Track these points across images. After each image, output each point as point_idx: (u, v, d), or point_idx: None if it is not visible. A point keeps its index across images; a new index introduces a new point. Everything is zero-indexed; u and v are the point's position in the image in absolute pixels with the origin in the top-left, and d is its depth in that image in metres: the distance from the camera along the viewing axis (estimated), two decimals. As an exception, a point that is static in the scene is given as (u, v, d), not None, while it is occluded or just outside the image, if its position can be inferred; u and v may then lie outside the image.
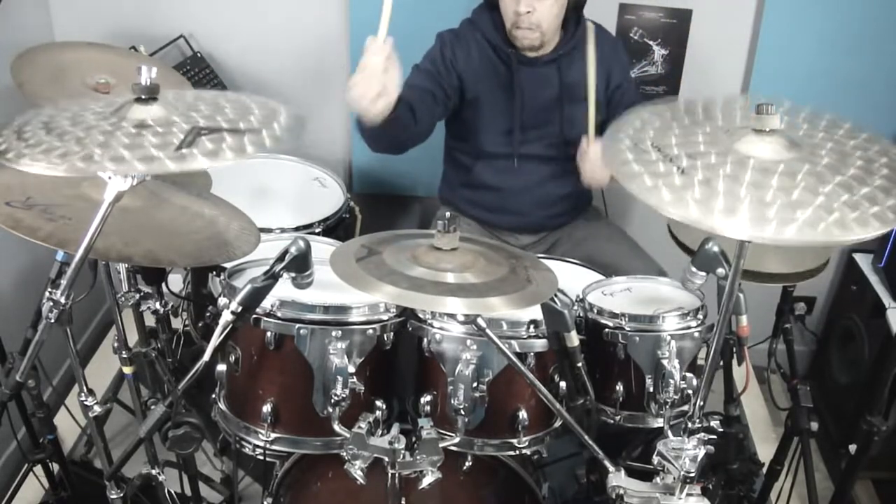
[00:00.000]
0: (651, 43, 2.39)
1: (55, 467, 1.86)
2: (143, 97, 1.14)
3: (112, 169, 1.03)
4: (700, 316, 1.63)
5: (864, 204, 0.97)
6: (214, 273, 1.66)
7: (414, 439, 1.39)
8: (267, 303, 1.37)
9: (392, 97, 1.61)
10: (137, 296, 1.85)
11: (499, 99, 2.05)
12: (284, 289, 1.31)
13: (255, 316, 1.44)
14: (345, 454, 1.36)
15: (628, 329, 1.59)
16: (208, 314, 1.81)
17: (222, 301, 1.50)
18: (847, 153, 1.08)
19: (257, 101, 1.24)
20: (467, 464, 1.60)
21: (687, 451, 1.24)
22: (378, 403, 1.50)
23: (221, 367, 1.54)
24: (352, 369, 1.44)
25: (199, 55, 2.39)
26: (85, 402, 1.35)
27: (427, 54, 2.05)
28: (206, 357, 1.26)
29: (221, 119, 1.16)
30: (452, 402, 1.48)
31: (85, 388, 1.35)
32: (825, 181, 1.00)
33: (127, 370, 1.81)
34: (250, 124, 1.16)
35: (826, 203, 0.97)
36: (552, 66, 2.04)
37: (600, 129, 2.14)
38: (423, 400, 1.55)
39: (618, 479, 1.33)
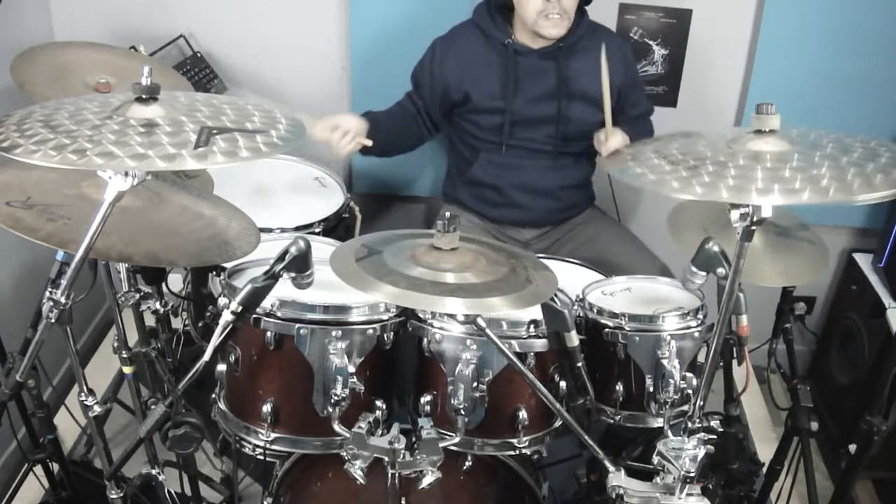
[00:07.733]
0: (651, 43, 2.39)
1: (55, 467, 1.86)
2: (144, 97, 1.15)
3: (133, 166, 1.05)
4: (700, 316, 1.63)
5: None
6: (214, 273, 1.66)
7: (414, 439, 1.39)
8: (267, 303, 1.37)
9: (359, 137, 2.00)
10: (137, 296, 1.85)
11: (493, 91, 2.06)
12: (284, 289, 1.32)
13: (255, 316, 1.43)
14: (345, 454, 1.36)
15: (628, 329, 1.59)
16: (208, 314, 1.81)
17: (222, 301, 1.50)
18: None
19: (252, 104, 1.26)
20: (467, 464, 1.60)
21: (687, 451, 1.25)
22: (378, 403, 1.50)
23: (221, 367, 1.54)
24: (352, 369, 1.44)
25: (199, 55, 2.39)
26: (85, 402, 1.35)
27: (418, 63, 2.14)
28: (206, 357, 1.26)
29: (226, 119, 1.16)
30: (452, 401, 1.48)
31: (85, 388, 1.35)
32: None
33: (127, 370, 1.81)
34: (254, 124, 1.16)
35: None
36: (550, 59, 2.04)
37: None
38: (423, 400, 1.55)
39: (618, 479, 1.33)
